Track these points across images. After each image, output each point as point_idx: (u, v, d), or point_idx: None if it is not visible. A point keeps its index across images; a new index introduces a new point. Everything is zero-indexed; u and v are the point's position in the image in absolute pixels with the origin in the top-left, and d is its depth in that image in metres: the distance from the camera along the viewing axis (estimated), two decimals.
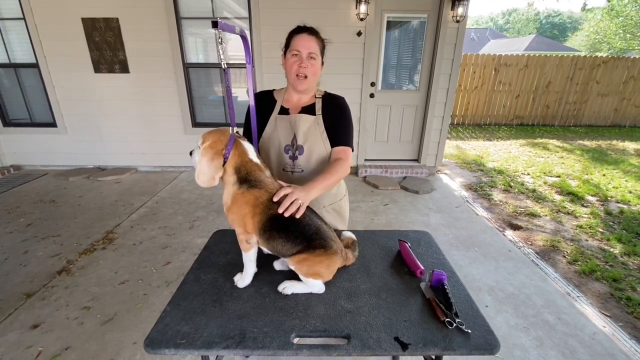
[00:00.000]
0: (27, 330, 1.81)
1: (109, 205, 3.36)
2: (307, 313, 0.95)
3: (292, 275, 1.07)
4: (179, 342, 0.84)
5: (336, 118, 1.26)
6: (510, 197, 3.85)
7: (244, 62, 4.06)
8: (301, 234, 0.97)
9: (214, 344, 0.84)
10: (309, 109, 1.28)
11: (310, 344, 0.85)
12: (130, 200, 3.49)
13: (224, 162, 0.97)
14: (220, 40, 0.90)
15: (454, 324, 0.90)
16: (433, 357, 1.12)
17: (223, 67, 0.92)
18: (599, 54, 9.05)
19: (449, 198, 3.75)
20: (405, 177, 4.25)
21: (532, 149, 6.09)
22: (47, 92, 4.05)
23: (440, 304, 0.97)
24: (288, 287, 1.01)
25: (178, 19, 3.78)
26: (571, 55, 7.90)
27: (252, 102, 1.20)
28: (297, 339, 0.88)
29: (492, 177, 4.51)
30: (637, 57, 7.87)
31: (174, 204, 3.41)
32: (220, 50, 0.88)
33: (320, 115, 1.26)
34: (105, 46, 3.77)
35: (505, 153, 5.78)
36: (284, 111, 1.29)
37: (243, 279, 1.05)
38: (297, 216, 0.97)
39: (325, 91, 1.32)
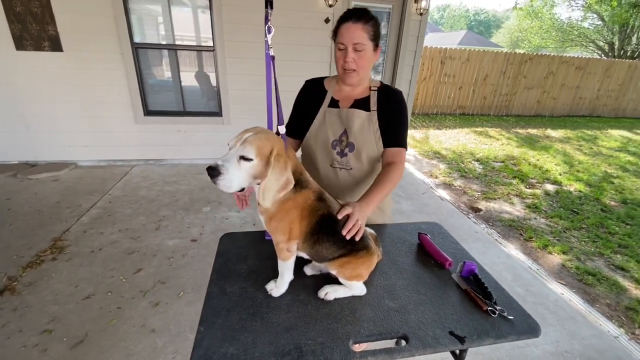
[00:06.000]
0: None
1: (50, 208, 2.88)
2: (356, 317, 0.91)
3: (325, 279, 1.02)
4: None
5: (392, 115, 1.17)
6: (467, 182, 4.17)
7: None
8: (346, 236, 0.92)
9: None
10: (362, 103, 1.18)
11: (373, 350, 0.82)
12: (76, 200, 3.04)
13: None
14: (269, 22, 0.77)
15: (497, 312, 0.94)
16: (457, 352, 1.14)
17: (271, 54, 0.79)
18: (519, 51, 10.16)
19: (415, 185, 3.94)
20: None
21: (476, 136, 6.66)
22: None
23: (478, 294, 1.00)
24: (330, 293, 0.96)
25: None
26: (504, 52, 8.73)
27: (269, 96, 1.08)
28: (356, 345, 0.84)
29: (448, 163, 4.84)
30: (556, 55, 8.99)
31: (131, 203, 3.05)
32: (269, 36, 0.76)
33: (375, 112, 1.16)
34: (30, 18, 3.15)
35: (454, 141, 6.23)
36: (334, 103, 1.19)
37: (278, 288, 0.96)
38: (357, 239, 0.92)
39: (381, 82, 1.22)
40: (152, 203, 3.08)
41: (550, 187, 4.11)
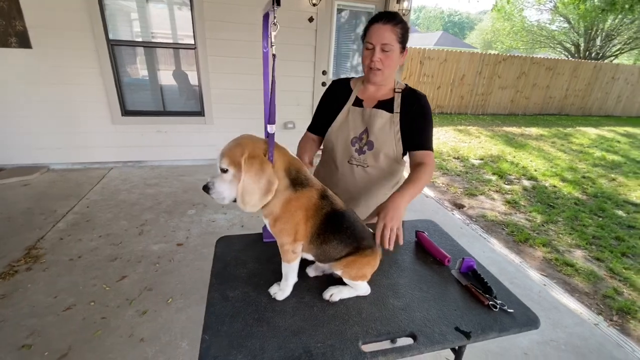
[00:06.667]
0: None
1: (22, 214, 2.71)
2: (362, 317, 0.91)
3: (328, 280, 1.02)
4: None
5: (416, 118, 1.19)
6: (449, 179, 4.28)
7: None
8: (352, 233, 0.91)
9: None
10: (386, 104, 1.21)
11: (384, 349, 0.81)
12: (50, 206, 2.87)
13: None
14: (274, 20, 0.75)
15: (498, 307, 0.96)
16: (456, 347, 1.16)
17: (272, 52, 0.78)
18: (492, 52, 10.57)
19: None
20: None
21: (455, 135, 6.85)
22: None
23: (479, 289, 1.02)
24: (335, 294, 0.95)
25: None
26: (480, 52, 9.02)
27: (266, 87, 1.06)
28: (366, 345, 0.83)
29: None
30: (527, 55, 9.38)
31: (111, 207, 2.92)
32: (273, 34, 0.74)
33: (398, 114, 1.19)
34: None
35: (435, 140, 6.36)
36: (358, 102, 1.23)
37: (283, 291, 0.94)
38: (400, 243, 1.00)
39: (406, 85, 1.25)
40: (134, 207, 2.96)
41: (527, 183, 4.28)
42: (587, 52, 14.22)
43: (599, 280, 2.40)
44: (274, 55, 0.80)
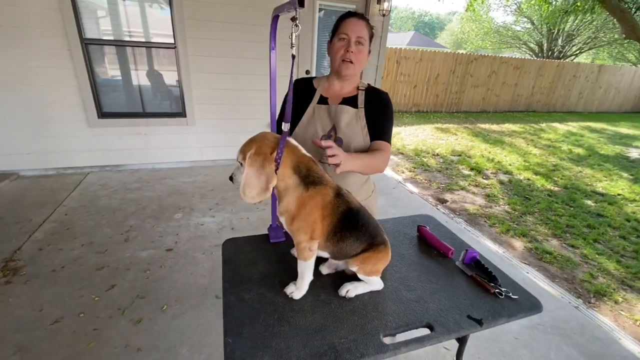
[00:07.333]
0: None
1: None
2: (379, 311, 0.93)
3: (340, 277, 1.03)
4: None
5: (379, 114, 1.22)
6: (431, 176, 4.41)
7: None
8: (367, 230, 0.94)
9: None
10: (350, 101, 1.21)
11: (405, 340, 0.84)
12: (25, 214, 2.70)
13: (277, 168, 0.86)
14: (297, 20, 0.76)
15: (503, 294, 1.01)
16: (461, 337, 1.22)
17: (292, 53, 0.79)
18: (463, 52, 11.00)
19: (385, 181, 4.08)
20: None
21: (433, 132, 7.06)
22: None
23: (484, 279, 1.07)
24: (351, 290, 0.97)
25: None
26: (453, 52, 9.34)
27: (274, 87, 1.07)
28: (387, 337, 0.86)
29: (411, 159, 5.08)
30: (497, 55, 9.81)
31: (92, 214, 2.78)
32: (294, 35, 0.75)
33: (363, 109, 1.20)
34: None
35: (414, 137, 6.54)
36: (323, 100, 1.22)
37: (299, 289, 0.95)
38: (337, 172, 0.96)
39: (368, 84, 1.27)
40: (116, 213, 2.84)
41: (503, 177, 4.49)
42: (550, 52, 15.08)
43: (575, 266, 2.57)
44: (293, 56, 0.81)
